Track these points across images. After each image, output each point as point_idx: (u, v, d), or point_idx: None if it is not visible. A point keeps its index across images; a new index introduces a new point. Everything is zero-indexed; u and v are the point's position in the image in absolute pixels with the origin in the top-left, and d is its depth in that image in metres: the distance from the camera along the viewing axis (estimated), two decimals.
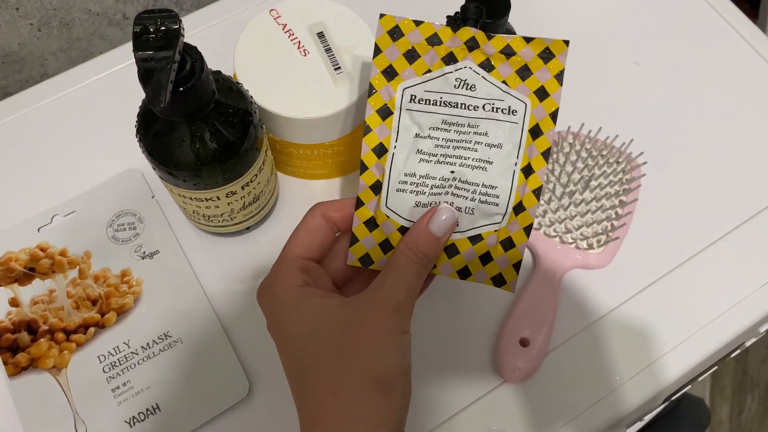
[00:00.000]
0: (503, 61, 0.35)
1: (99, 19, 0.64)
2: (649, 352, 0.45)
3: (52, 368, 0.43)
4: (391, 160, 0.35)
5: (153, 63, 0.31)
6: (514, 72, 0.35)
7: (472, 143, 0.35)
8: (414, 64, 0.36)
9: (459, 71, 0.35)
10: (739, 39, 0.57)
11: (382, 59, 0.36)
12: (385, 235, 0.35)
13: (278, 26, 0.45)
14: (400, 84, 0.35)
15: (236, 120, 0.38)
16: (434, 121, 0.35)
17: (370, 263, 0.35)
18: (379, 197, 0.35)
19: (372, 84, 0.36)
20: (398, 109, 0.35)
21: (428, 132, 0.35)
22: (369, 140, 0.36)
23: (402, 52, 0.36)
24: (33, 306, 0.45)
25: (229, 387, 0.43)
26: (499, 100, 0.35)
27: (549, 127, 0.35)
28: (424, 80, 0.35)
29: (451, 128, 0.35)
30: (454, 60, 0.35)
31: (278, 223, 0.49)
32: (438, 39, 0.36)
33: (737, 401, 1.18)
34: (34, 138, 0.52)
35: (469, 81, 0.35)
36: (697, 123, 0.53)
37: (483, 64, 0.35)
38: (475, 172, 0.34)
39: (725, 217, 0.49)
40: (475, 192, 0.34)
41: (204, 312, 0.45)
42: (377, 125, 0.35)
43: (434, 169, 0.34)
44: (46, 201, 0.49)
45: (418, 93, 0.35)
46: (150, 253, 0.47)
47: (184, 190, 0.40)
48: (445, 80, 0.35)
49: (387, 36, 0.36)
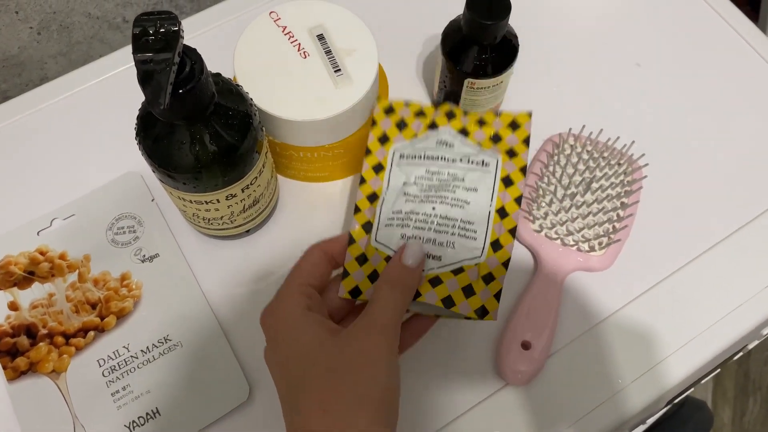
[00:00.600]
0: (478, 128, 0.42)
1: (99, 23, 0.64)
2: (652, 354, 0.45)
3: (51, 372, 0.43)
4: (382, 204, 0.41)
5: (152, 65, 0.31)
6: (487, 137, 0.42)
7: (451, 186, 0.40)
8: (404, 131, 0.43)
9: (441, 135, 0.42)
10: (739, 40, 0.57)
11: (378, 129, 0.43)
12: (374, 266, 0.39)
13: (278, 28, 0.45)
14: (392, 147, 0.43)
15: (236, 122, 0.38)
16: (419, 171, 0.41)
17: (358, 294, 0.38)
18: (369, 235, 0.40)
19: (368, 147, 0.43)
20: (389, 165, 0.42)
21: (414, 179, 0.41)
22: (364, 189, 0.42)
23: (394, 123, 0.43)
24: (32, 310, 0.45)
25: (230, 391, 0.43)
26: (474, 155, 0.42)
27: (519, 178, 0.41)
28: (412, 143, 0.42)
29: (434, 176, 0.41)
30: (436, 127, 0.43)
31: (278, 225, 0.49)
32: (423, 113, 0.43)
33: (740, 404, 1.18)
34: (34, 141, 0.52)
35: (449, 141, 0.42)
36: (698, 124, 0.53)
37: (461, 131, 0.43)
38: (454, 209, 0.39)
39: (727, 219, 0.49)
40: (454, 227, 0.39)
41: (204, 315, 0.45)
42: (371, 178, 0.42)
43: (418, 207, 0.40)
44: (45, 204, 0.49)
45: (407, 152, 0.42)
46: (150, 256, 0.47)
47: (184, 192, 0.40)
48: (429, 141, 0.42)
49: (382, 112, 0.44)
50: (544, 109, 0.53)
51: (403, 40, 0.56)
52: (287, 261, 0.47)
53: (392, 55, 0.52)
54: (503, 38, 0.45)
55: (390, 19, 0.56)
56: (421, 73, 0.55)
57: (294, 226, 0.49)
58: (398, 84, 0.52)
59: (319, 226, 0.49)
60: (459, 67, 0.46)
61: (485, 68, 0.45)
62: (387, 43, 0.49)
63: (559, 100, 0.54)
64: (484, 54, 0.45)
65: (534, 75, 0.54)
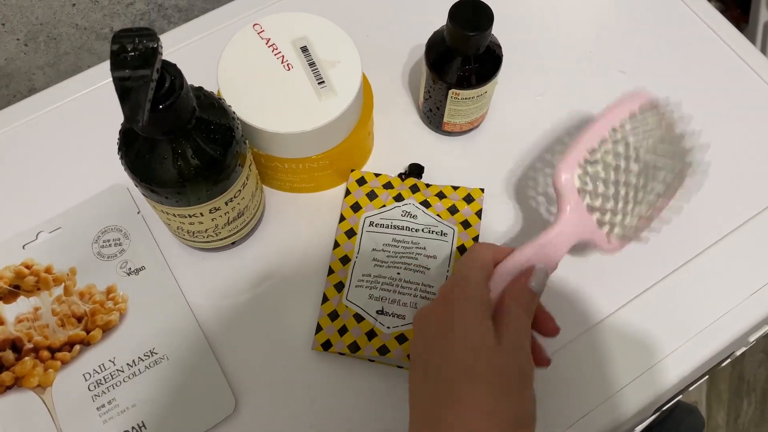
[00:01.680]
0: (437, 201, 0.49)
1: (86, 34, 0.64)
2: (647, 357, 0.45)
3: (36, 387, 0.43)
4: (353, 267, 0.46)
5: (131, 82, 0.31)
6: (445, 209, 0.48)
7: (414, 254, 0.46)
8: (373, 201, 0.49)
9: (405, 206, 0.48)
10: (724, 47, 0.57)
11: (351, 198, 0.49)
12: (344, 321, 0.44)
13: (261, 41, 0.45)
14: (363, 214, 0.48)
15: (218, 136, 0.38)
16: (386, 239, 0.47)
17: (329, 347, 0.43)
18: (341, 294, 0.45)
19: (342, 214, 0.48)
20: (360, 232, 0.48)
21: (382, 247, 0.47)
22: (337, 252, 0.47)
23: (365, 193, 0.49)
24: (18, 324, 0.45)
25: (216, 404, 0.43)
26: (434, 226, 0.47)
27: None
28: (381, 212, 0.48)
29: (399, 244, 0.47)
30: (401, 199, 0.49)
31: (265, 237, 0.49)
32: (391, 185, 0.49)
33: (734, 406, 1.18)
34: (21, 153, 0.52)
35: (412, 212, 0.48)
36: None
37: (423, 203, 0.48)
38: (416, 275, 0.45)
39: (718, 224, 0.49)
40: (416, 289, 0.44)
41: (190, 328, 0.45)
42: (344, 242, 0.47)
43: (385, 272, 0.45)
44: (31, 217, 0.49)
45: (376, 220, 0.48)
46: (135, 269, 0.47)
47: (168, 207, 0.40)
48: (395, 212, 0.48)
49: (355, 183, 0.50)
50: (528, 118, 0.53)
51: (387, 50, 0.56)
52: (274, 272, 0.47)
53: (377, 65, 0.52)
54: (487, 49, 0.45)
55: (374, 29, 0.56)
56: (407, 83, 0.55)
57: (280, 237, 0.49)
58: (383, 94, 0.52)
59: (305, 237, 0.49)
60: (443, 78, 0.46)
61: (469, 79, 0.46)
62: (372, 54, 0.49)
63: (543, 109, 0.54)
64: (467, 65, 0.45)
65: (518, 84, 0.54)
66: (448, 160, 0.52)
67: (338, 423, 0.43)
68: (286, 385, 0.44)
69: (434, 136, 0.53)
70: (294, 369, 0.44)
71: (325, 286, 0.46)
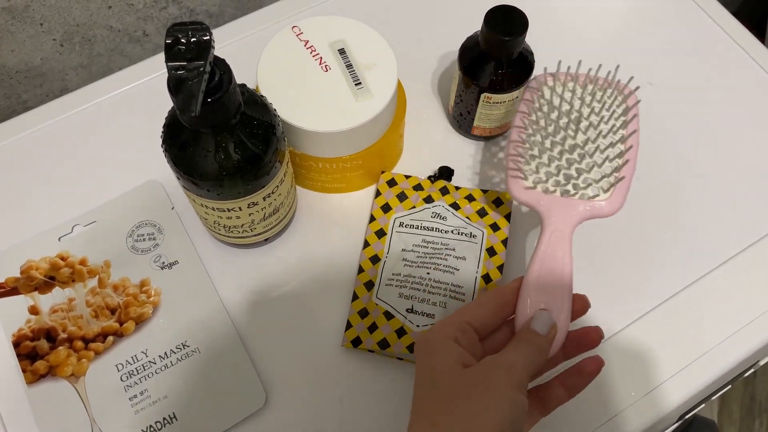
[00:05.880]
0: (467, 203, 0.49)
1: (120, 36, 0.65)
2: (651, 377, 0.45)
3: (70, 376, 0.43)
4: (383, 266, 0.47)
5: (185, 73, 0.32)
6: (474, 212, 0.49)
7: (443, 255, 0.46)
8: (403, 202, 0.49)
9: (435, 208, 0.49)
10: (749, 60, 0.58)
11: (381, 199, 0.50)
12: (374, 319, 0.44)
13: (300, 42, 0.46)
14: (393, 215, 0.49)
15: (260, 132, 0.39)
16: (416, 240, 0.47)
17: (359, 344, 0.44)
18: (371, 292, 0.46)
19: (373, 215, 0.49)
20: (390, 232, 0.48)
21: (411, 247, 0.47)
22: (367, 252, 0.48)
23: (395, 194, 0.50)
24: (52, 314, 0.45)
25: (246, 397, 0.43)
26: (463, 228, 0.48)
27: (501, 249, 0.47)
28: (410, 213, 0.49)
29: (429, 245, 0.47)
30: (431, 200, 0.49)
31: (296, 234, 0.49)
32: (421, 186, 0.50)
33: (745, 426, 1.17)
34: (55, 150, 0.53)
35: (442, 214, 0.48)
36: (709, 146, 0.54)
37: (452, 205, 0.49)
38: (445, 275, 0.45)
39: (731, 240, 0.50)
40: (446, 290, 0.45)
41: (221, 322, 0.46)
42: (374, 242, 0.48)
43: (415, 271, 0.46)
44: (67, 211, 0.50)
45: (406, 221, 0.48)
46: (169, 263, 0.47)
47: (207, 200, 0.41)
48: (425, 213, 0.48)
49: (385, 184, 0.50)
50: None
51: (418, 57, 0.57)
52: (305, 270, 0.48)
53: (409, 70, 0.53)
54: (519, 54, 0.46)
55: (406, 37, 0.57)
56: (436, 89, 0.56)
57: (311, 235, 0.49)
58: (413, 99, 0.53)
59: (335, 236, 0.49)
60: (476, 82, 0.47)
61: (501, 83, 0.46)
62: (404, 58, 0.50)
63: None
64: (500, 69, 0.46)
65: None
66: (476, 164, 0.52)
67: (366, 419, 0.43)
68: (315, 381, 0.44)
69: (463, 140, 0.54)
70: (323, 365, 0.45)
71: (355, 284, 0.47)
